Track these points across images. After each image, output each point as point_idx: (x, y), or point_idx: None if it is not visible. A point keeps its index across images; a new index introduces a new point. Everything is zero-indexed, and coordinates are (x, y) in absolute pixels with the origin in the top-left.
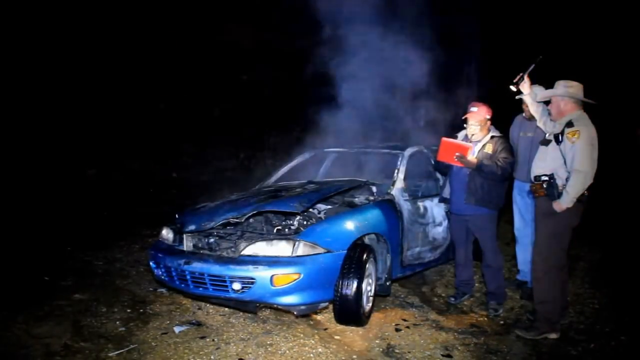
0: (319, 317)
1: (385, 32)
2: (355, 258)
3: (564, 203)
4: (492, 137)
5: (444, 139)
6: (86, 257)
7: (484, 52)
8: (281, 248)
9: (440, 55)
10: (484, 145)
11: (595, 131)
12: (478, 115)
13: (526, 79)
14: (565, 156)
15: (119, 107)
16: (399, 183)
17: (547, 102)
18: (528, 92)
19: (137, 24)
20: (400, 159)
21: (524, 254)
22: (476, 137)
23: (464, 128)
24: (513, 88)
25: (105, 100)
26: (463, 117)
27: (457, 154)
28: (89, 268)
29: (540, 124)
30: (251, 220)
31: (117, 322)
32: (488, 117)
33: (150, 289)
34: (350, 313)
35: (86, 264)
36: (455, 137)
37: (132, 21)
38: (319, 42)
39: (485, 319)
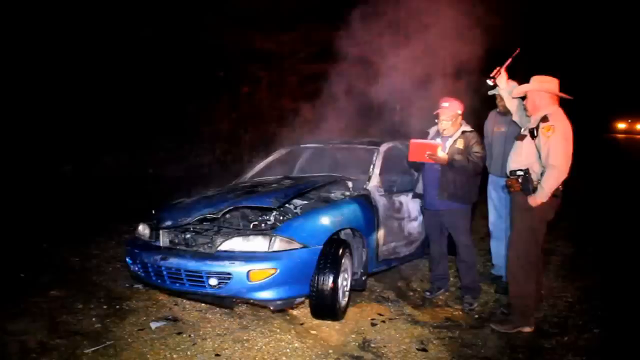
0: (295, 312)
1: (371, 28)
2: (331, 253)
3: (539, 198)
4: (464, 132)
5: (413, 140)
6: (62, 253)
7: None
8: (257, 243)
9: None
10: (455, 141)
11: (570, 126)
12: (449, 111)
13: (503, 73)
14: (540, 151)
15: (95, 103)
16: (375, 178)
17: (523, 98)
18: (504, 87)
19: (110, 18)
20: (375, 154)
21: (498, 249)
22: (447, 133)
23: (436, 124)
24: (490, 82)
25: (81, 96)
26: (434, 113)
27: (427, 152)
28: (65, 264)
29: (515, 118)
30: (227, 215)
31: (93, 319)
32: (459, 112)
33: (127, 285)
34: (326, 308)
35: (62, 261)
36: (427, 133)
37: (106, 16)
38: (297, 38)
39: (460, 313)
